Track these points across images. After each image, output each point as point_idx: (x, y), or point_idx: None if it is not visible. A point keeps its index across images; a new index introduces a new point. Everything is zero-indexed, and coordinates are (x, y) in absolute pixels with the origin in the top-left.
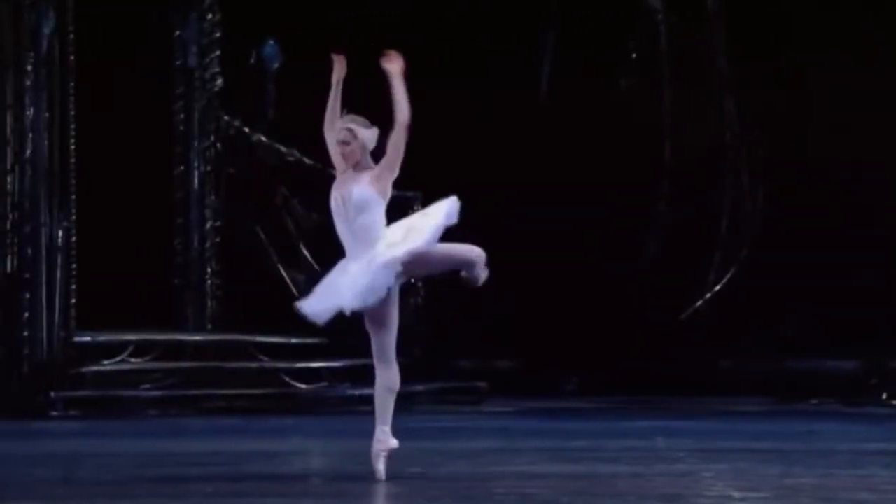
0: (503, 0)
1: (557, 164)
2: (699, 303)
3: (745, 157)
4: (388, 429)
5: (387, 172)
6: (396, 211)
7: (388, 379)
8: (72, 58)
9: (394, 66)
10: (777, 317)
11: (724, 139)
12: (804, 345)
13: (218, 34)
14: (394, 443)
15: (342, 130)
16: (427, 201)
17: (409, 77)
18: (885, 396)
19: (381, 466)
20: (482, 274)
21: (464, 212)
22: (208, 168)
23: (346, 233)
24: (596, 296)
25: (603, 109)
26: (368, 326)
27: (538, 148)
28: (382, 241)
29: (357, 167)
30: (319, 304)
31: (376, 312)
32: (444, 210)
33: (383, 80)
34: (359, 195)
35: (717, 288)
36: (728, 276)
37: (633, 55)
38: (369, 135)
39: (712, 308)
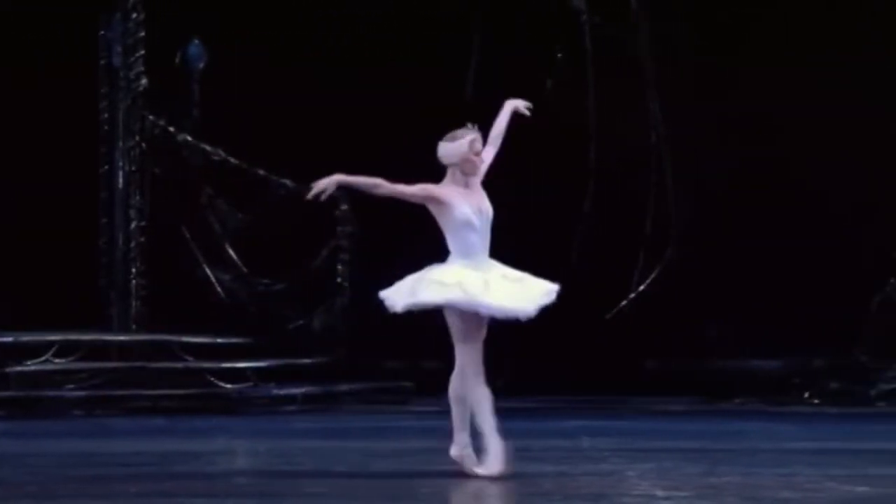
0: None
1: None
2: (624, 302)
3: (670, 157)
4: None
5: None
6: (323, 208)
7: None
8: None
9: (519, 105)
10: (701, 316)
11: (650, 140)
12: (728, 344)
13: (142, 34)
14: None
15: (477, 141)
16: (350, 199)
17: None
18: (807, 395)
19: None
20: None
21: (391, 213)
22: (133, 168)
23: (479, 243)
24: None
25: (529, 110)
26: (477, 337)
27: None
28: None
29: (470, 181)
30: (503, 304)
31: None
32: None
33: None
34: (486, 213)
35: (642, 288)
36: (653, 276)
37: (558, 56)
38: None
39: (637, 308)
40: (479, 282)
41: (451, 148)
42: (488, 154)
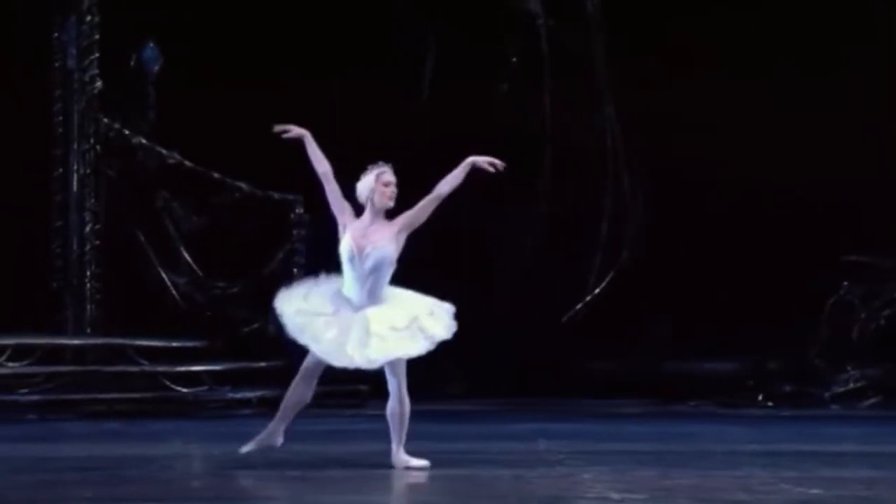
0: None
1: (438, 166)
2: (579, 305)
3: (625, 160)
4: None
5: (406, 231)
6: (278, 211)
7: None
8: None
9: (480, 162)
10: (655, 319)
11: (605, 142)
12: (682, 347)
13: (97, 36)
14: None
15: (387, 173)
16: (309, 204)
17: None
18: (761, 398)
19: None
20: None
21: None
22: (88, 170)
23: (353, 283)
24: (478, 298)
25: (484, 112)
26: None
27: (419, 149)
28: (400, 304)
29: (382, 214)
30: (331, 352)
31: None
32: (446, 326)
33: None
34: (381, 255)
35: (597, 290)
36: (608, 278)
37: (514, 58)
38: None
39: (592, 310)
40: (319, 323)
41: (361, 185)
42: (425, 200)
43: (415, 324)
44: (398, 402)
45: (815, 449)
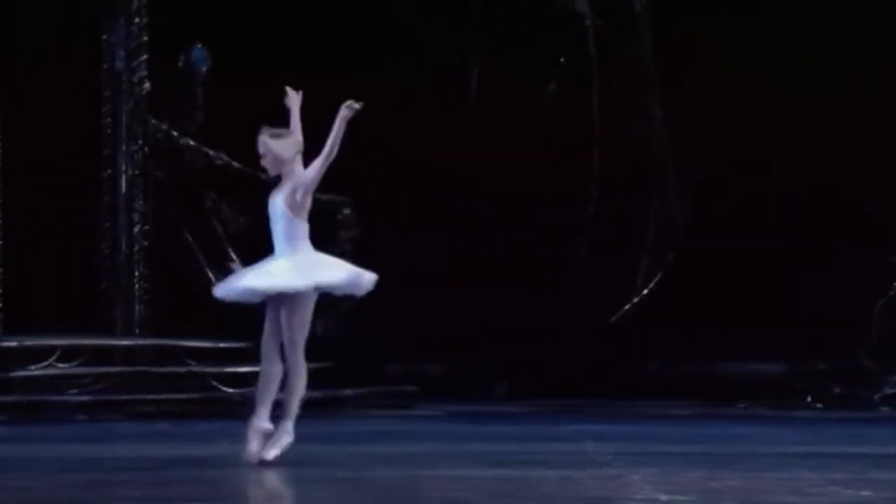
0: (431, 1)
1: (486, 168)
2: (627, 306)
3: (673, 161)
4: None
5: (299, 191)
6: (326, 214)
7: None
8: None
9: (346, 111)
10: (704, 320)
11: (652, 143)
12: (730, 348)
13: (146, 38)
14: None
15: (259, 143)
16: (356, 203)
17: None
18: (810, 400)
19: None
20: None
21: (394, 218)
22: (136, 172)
23: (274, 234)
24: (525, 299)
25: (532, 113)
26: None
27: (467, 151)
28: (308, 256)
29: (282, 177)
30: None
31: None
32: (340, 277)
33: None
34: (273, 208)
35: (646, 291)
36: (656, 279)
37: (561, 59)
38: (282, 145)
39: (640, 311)
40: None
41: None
42: (314, 162)
43: (306, 267)
44: (291, 373)
45: (865, 451)
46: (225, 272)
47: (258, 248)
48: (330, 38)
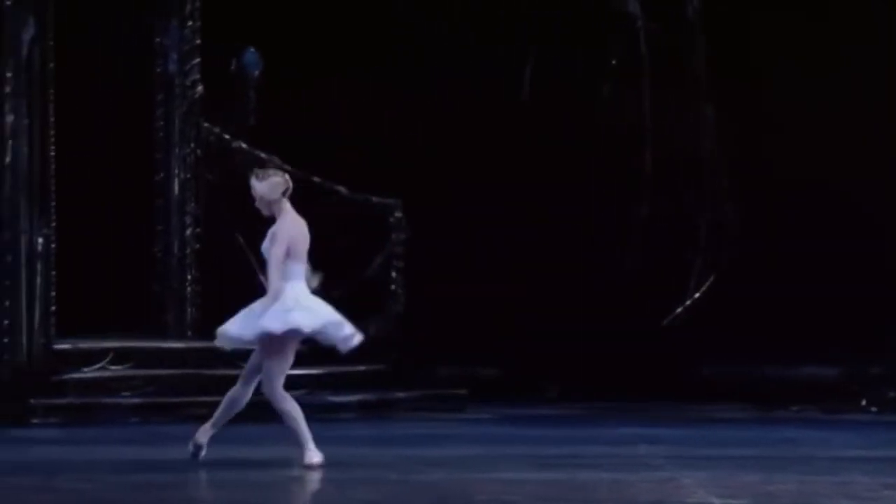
0: (483, 4)
1: (538, 170)
2: (680, 309)
3: (725, 162)
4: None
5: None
6: (377, 217)
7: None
8: (52, 64)
9: None
10: (757, 323)
11: (704, 145)
12: (784, 351)
13: (198, 41)
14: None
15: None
16: (407, 208)
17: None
18: (864, 403)
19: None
20: None
21: (446, 221)
22: (188, 175)
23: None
24: (577, 301)
25: (583, 115)
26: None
27: (519, 154)
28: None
29: (275, 216)
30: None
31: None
32: (340, 331)
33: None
34: (264, 246)
35: (698, 294)
36: (708, 282)
37: (613, 61)
38: (266, 186)
39: (693, 314)
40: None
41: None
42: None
43: (283, 308)
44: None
45: None
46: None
47: (309, 250)
48: (381, 40)
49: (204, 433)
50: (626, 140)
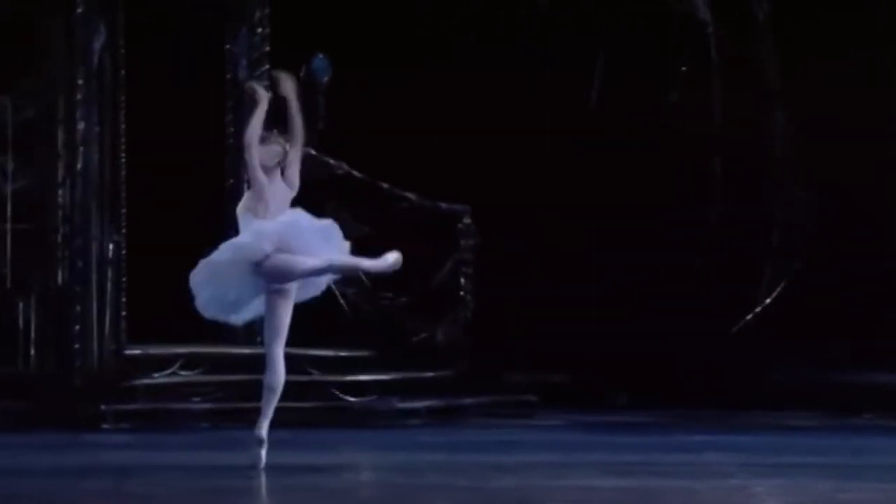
0: (553, 12)
1: (608, 176)
2: (750, 316)
3: (796, 168)
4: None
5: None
6: (446, 223)
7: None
8: (122, 71)
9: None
10: (829, 330)
11: (775, 151)
12: (857, 358)
13: (268, 48)
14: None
15: None
16: (477, 215)
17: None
18: None
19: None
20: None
21: (515, 227)
22: None
23: None
24: (647, 308)
25: (653, 121)
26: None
27: (589, 160)
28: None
29: None
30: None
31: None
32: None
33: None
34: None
35: (768, 301)
36: (779, 288)
37: (683, 67)
38: (264, 153)
39: (763, 321)
40: None
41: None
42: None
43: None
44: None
45: None
46: (345, 281)
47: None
48: (451, 47)
49: (260, 427)
50: (696, 145)
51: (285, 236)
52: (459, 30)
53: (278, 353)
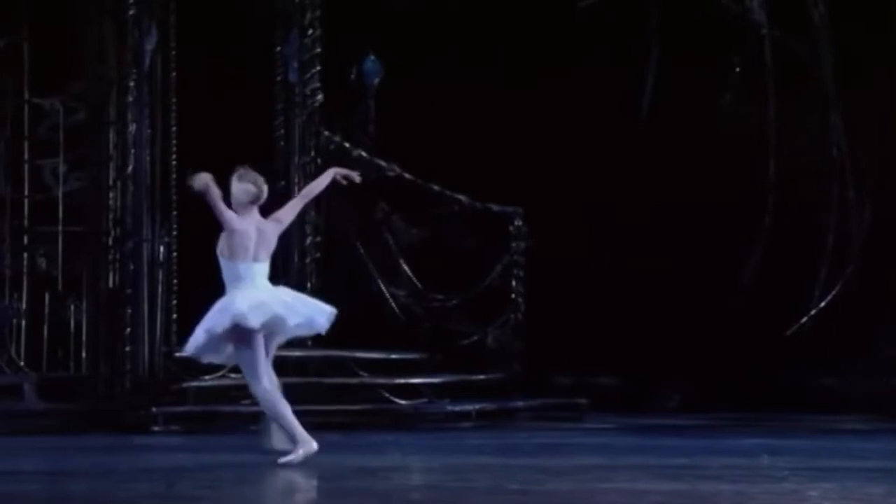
0: (607, 15)
1: (661, 179)
2: (804, 319)
3: (851, 171)
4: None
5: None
6: (498, 225)
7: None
8: (174, 74)
9: (335, 175)
10: (883, 333)
11: (830, 153)
12: None
13: (318, 50)
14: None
15: None
16: (528, 217)
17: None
18: None
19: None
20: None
21: (567, 230)
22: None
23: None
24: (699, 311)
25: (707, 124)
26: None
27: (642, 163)
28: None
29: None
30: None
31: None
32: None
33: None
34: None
35: (823, 304)
36: (834, 292)
37: (738, 69)
38: (237, 189)
39: (818, 324)
40: None
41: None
42: (292, 201)
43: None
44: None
45: None
46: (396, 284)
47: (429, 259)
48: (500, 50)
49: (279, 440)
50: (751, 149)
51: (272, 325)
52: (512, 33)
53: (265, 386)
